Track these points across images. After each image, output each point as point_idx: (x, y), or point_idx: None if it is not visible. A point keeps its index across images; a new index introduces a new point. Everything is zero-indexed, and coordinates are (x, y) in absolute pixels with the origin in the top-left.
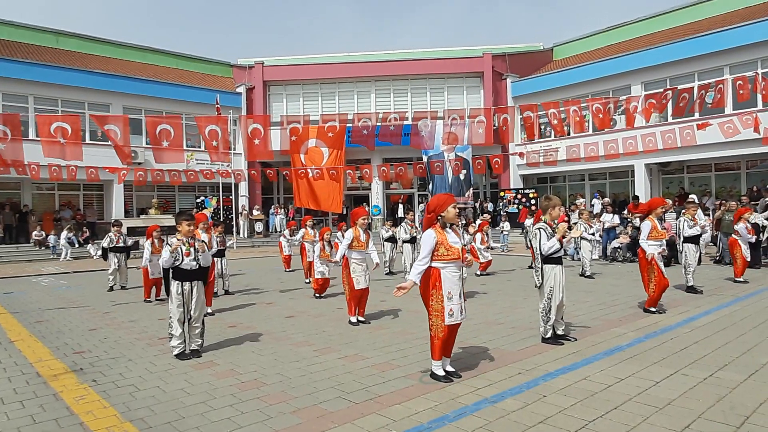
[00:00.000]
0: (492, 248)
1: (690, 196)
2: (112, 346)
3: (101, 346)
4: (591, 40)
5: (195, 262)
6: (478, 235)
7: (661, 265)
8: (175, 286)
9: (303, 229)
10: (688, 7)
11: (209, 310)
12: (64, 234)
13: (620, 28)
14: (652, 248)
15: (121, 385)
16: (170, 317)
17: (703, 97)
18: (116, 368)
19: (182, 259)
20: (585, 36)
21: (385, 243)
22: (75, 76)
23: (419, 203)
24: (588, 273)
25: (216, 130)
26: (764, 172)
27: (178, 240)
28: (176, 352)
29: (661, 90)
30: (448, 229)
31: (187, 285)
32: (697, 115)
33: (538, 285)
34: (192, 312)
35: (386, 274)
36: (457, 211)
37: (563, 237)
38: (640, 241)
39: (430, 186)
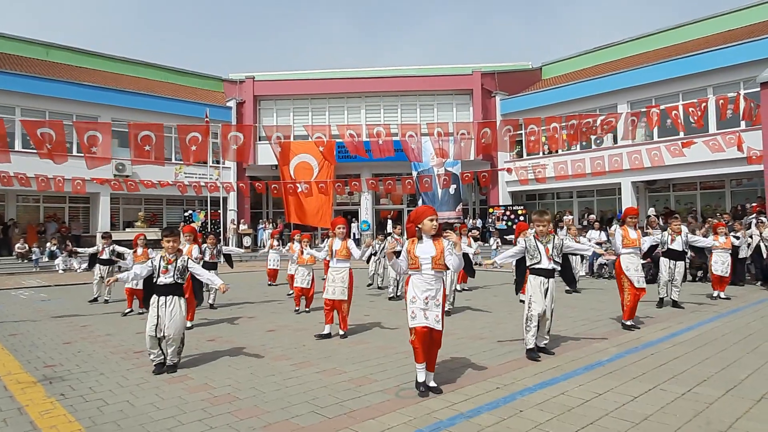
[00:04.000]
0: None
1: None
2: (85, 360)
3: (74, 360)
4: (579, 60)
5: (171, 278)
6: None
7: (633, 275)
8: (152, 300)
9: (289, 244)
10: (672, 29)
11: (188, 324)
12: (62, 257)
13: (607, 48)
14: (626, 256)
15: (90, 399)
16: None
17: (689, 115)
18: (87, 382)
19: (158, 276)
20: (573, 56)
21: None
22: (63, 87)
23: None
24: (576, 287)
25: (197, 136)
26: (748, 191)
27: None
28: (153, 365)
29: (645, 108)
30: (425, 239)
31: (162, 299)
32: (682, 134)
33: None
34: (165, 330)
35: (368, 285)
36: (435, 224)
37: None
38: (615, 251)
39: (420, 201)
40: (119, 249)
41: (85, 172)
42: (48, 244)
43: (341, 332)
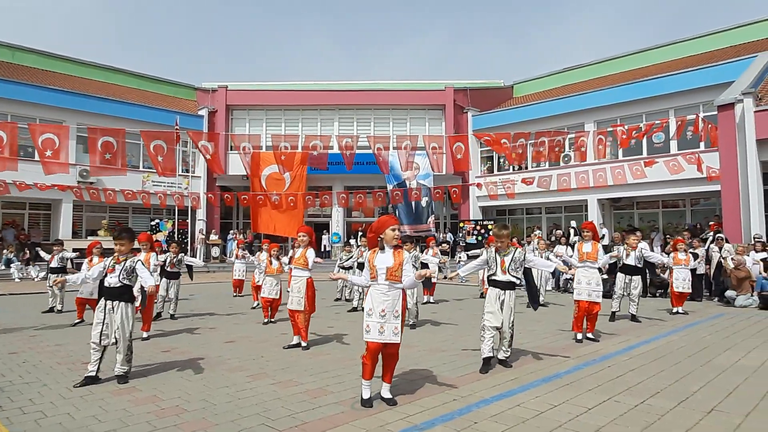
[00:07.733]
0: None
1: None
2: (29, 371)
3: (17, 371)
4: (549, 80)
5: (117, 279)
6: (430, 251)
7: (583, 288)
8: (98, 305)
9: (258, 253)
10: (637, 53)
11: (145, 335)
12: (15, 264)
13: (576, 69)
14: (580, 270)
15: (28, 412)
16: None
17: (650, 135)
18: (27, 393)
19: (104, 276)
20: (543, 75)
21: (341, 269)
22: (27, 90)
23: None
24: (542, 301)
25: (161, 145)
26: (707, 210)
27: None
28: (86, 374)
29: (610, 128)
30: (386, 249)
31: (109, 303)
32: (644, 153)
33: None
34: (115, 334)
35: (335, 300)
36: (397, 233)
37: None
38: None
39: (397, 213)
40: (68, 255)
41: (47, 177)
42: (5, 252)
43: (303, 344)
